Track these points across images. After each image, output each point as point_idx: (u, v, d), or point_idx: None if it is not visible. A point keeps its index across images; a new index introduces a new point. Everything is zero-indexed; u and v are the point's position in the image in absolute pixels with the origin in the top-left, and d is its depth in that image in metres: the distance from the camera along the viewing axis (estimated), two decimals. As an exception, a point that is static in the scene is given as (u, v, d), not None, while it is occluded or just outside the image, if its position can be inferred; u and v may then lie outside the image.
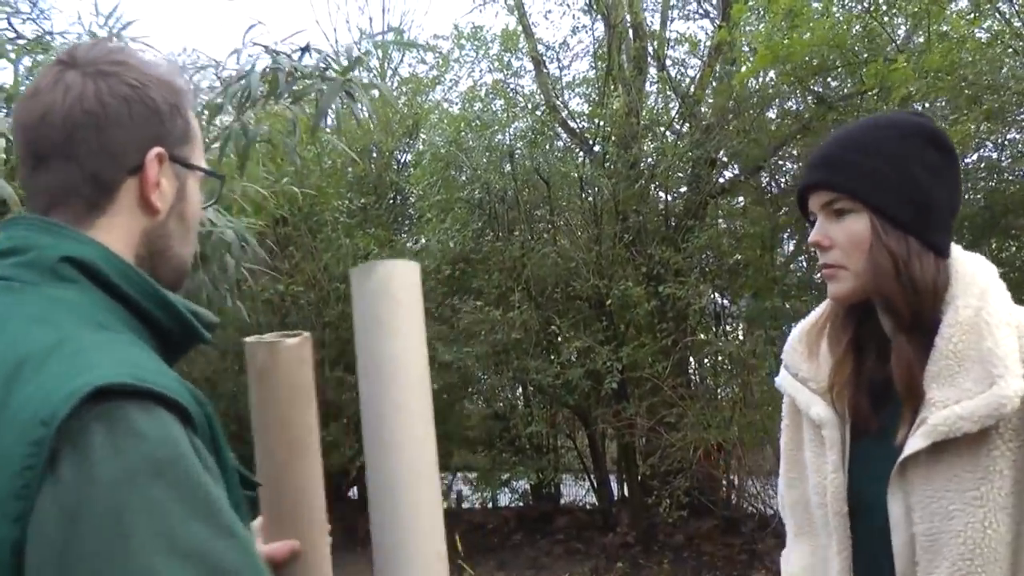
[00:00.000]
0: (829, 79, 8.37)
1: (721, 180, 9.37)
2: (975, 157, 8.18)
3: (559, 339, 9.00)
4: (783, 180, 9.03)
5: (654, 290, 8.50)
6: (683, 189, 9.61)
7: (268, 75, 4.68)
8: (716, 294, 9.35)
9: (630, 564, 8.37)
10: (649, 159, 9.39)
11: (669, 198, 9.61)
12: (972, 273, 1.76)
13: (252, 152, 6.63)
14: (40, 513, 0.93)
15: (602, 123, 9.75)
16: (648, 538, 8.76)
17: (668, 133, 9.70)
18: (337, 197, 9.97)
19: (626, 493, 9.61)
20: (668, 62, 9.97)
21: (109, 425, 0.97)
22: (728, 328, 9.79)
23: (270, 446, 1.38)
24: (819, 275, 1.89)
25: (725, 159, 9.25)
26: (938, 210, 1.77)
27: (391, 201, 11.17)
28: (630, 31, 9.83)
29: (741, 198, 9.74)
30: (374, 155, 11.44)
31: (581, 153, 10.09)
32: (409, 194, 11.29)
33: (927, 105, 7.44)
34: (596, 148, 9.83)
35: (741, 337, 9.06)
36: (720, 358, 9.43)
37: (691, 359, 9.45)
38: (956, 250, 1.81)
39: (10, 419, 0.97)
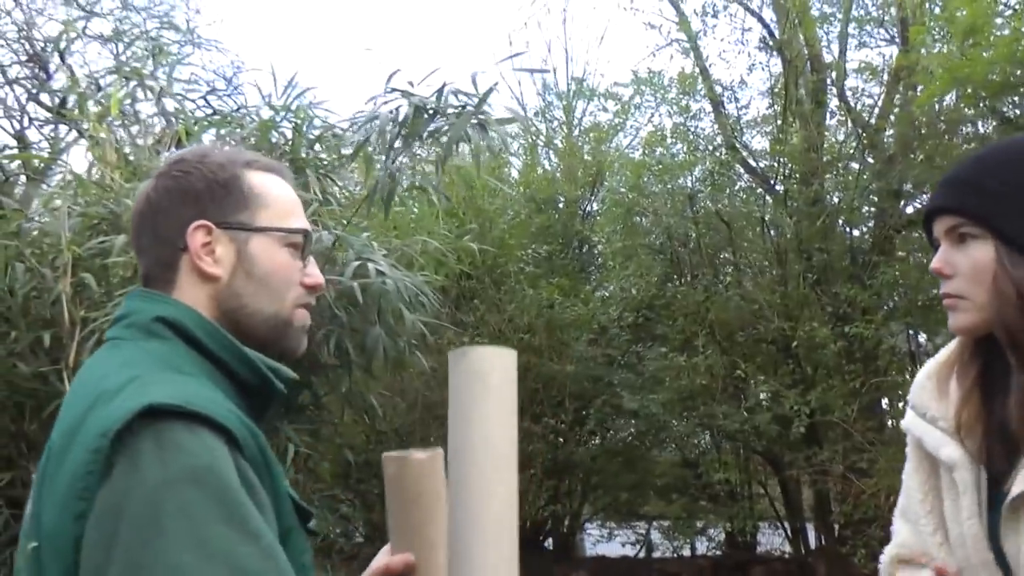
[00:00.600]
0: (1016, 98, 7.89)
1: (908, 212, 8.95)
2: None
3: (746, 383, 8.81)
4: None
5: (841, 330, 8.21)
6: (869, 224, 9.25)
7: (403, 116, 4.86)
8: (910, 332, 8.91)
9: (828, 617, 8.05)
10: (831, 195, 9.10)
11: (855, 233, 9.27)
12: None
13: (430, 207, 6.87)
14: (95, 511, 1.10)
15: (783, 160, 9.54)
16: (846, 589, 8.39)
17: (851, 165, 9.38)
18: (520, 248, 10.12)
19: (823, 541, 9.24)
20: (847, 92, 9.66)
21: (157, 439, 1.12)
22: (925, 367, 9.28)
23: (400, 546, 1.51)
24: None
25: (910, 189, 8.84)
26: None
27: (576, 250, 11.26)
28: (807, 64, 9.61)
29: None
30: (560, 204, 11.60)
31: (762, 192, 9.89)
32: (594, 242, 11.35)
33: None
34: (778, 186, 9.63)
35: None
36: (915, 399, 8.95)
37: (884, 401, 9.02)
38: None
39: (82, 437, 1.16)
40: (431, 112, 5.03)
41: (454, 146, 5.04)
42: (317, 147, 5.79)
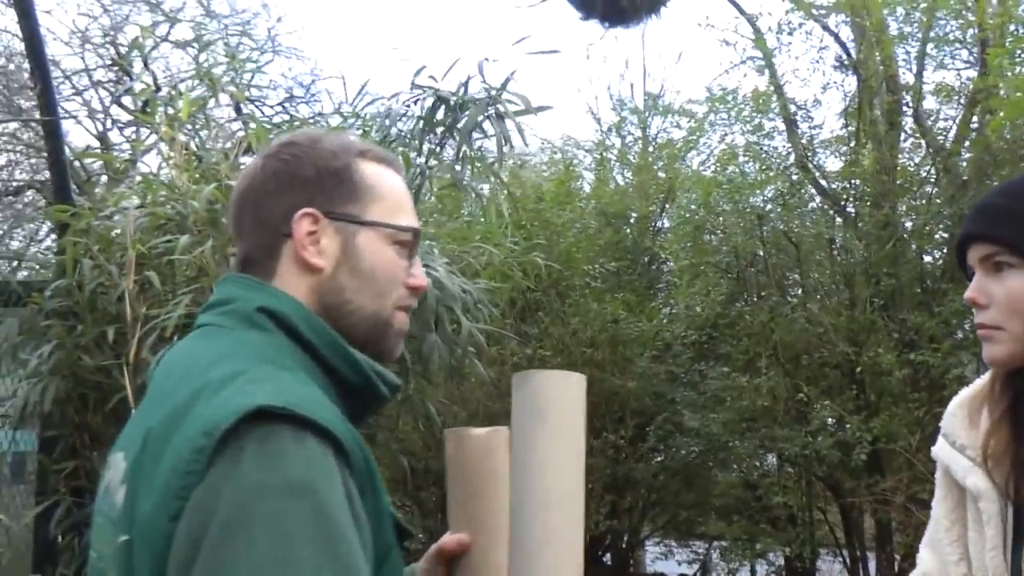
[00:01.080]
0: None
1: (981, 238, 8.74)
2: None
3: (808, 407, 8.70)
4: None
5: (907, 357, 8.06)
6: (942, 249, 9.07)
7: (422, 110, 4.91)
8: (979, 362, 8.70)
9: (883, 649, 7.90)
10: (904, 219, 8.95)
11: (926, 259, 9.10)
12: None
13: (497, 219, 6.91)
14: (188, 508, 1.07)
15: (855, 182, 9.41)
16: (904, 621, 8.23)
17: (924, 189, 9.21)
18: (587, 262, 10.13)
19: (883, 572, 9.06)
20: (923, 114, 9.48)
21: (262, 442, 1.09)
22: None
23: (456, 526, 1.49)
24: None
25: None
26: None
27: (644, 266, 11.24)
28: (883, 84, 9.47)
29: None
30: (631, 220, 11.59)
31: (833, 214, 9.76)
32: (662, 259, 11.31)
33: None
34: (849, 209, 9.50)
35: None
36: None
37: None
38: None
39: (184, 431, 1.12)
40: (455, 105, 5.07)
41: (477, 143, 5.04)
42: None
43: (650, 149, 12.70)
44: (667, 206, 11.51)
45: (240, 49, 6.99)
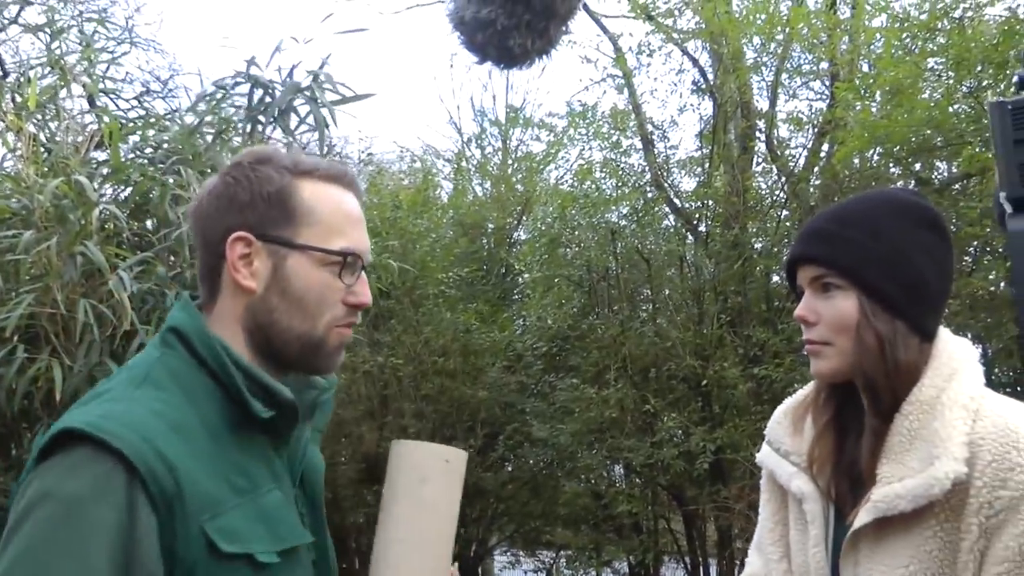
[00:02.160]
0: (936, 161, 8.15)
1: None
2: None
3: (655, 418, 8.89)
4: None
5: (751, 372, 8.34)
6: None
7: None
8: (818, 378, 9.07)
9: (720, 654, 8.11)
10: (753, 240, 9.27)
11: (773, 279, 9.45)
12: (949, 354, 1.73)
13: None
14: (14, 501, 1.24)
15: (708, 202, 9.71)
16: (741, 628, 8.45)
17: (773, 213, 9.57)
18: (441, 271, 10.12)
19: (722, 578, 9.34)
20: (775, 141, 9.87)
21: (63, 458, 1.23)
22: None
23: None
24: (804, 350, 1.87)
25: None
26: (930, 293, 1.73)
27: (498, 276, 11.31)
28: (738, 110, 9.80)
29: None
30: (488, 230, 11.66)
31: (686, 232, 10.03)
32: (517, 271, 11.40)
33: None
34: (701, 228, 9.78)
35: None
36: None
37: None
38: (943, 332, 1.77)
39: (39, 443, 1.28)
40: (273, 91, 5.04)
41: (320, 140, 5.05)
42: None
43: (509, 161, 12.80)
44: (524, 218, 11.62)
45: (95, 38, 6.72)
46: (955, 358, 1.70)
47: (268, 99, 4.98)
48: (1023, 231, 2.95)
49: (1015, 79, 3.37)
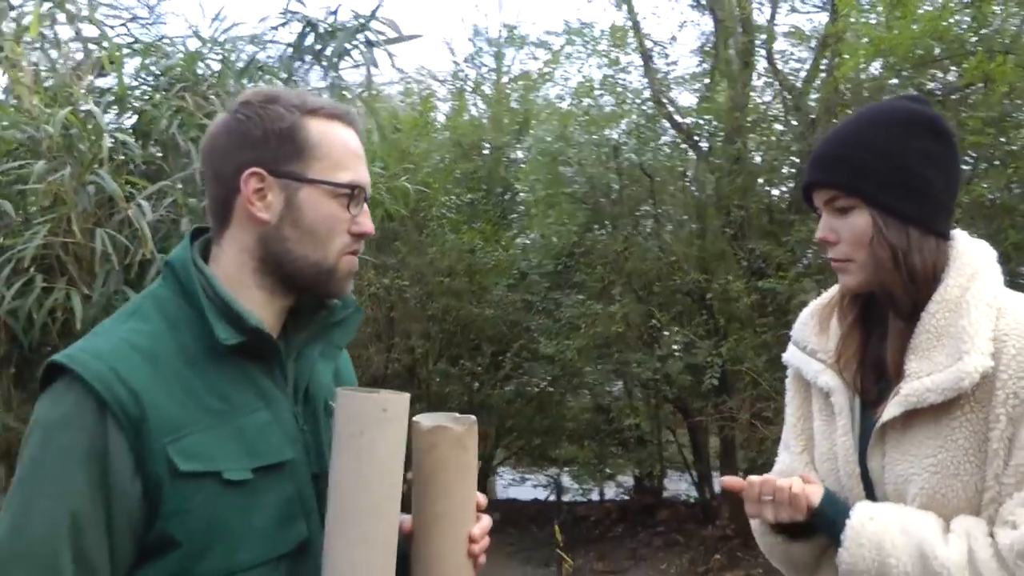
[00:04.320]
0: (938, 72, 8.12)
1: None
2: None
3: (660, 333, 8.99)
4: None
5: (755, 284, 8.41)
6: (789, 184, 9.45)
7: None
8: (821, 289, 9.14)
9: (728, 556, 8.33)
10: (754, 154, 9.28)
11: (774, 192, 9.49)
12: (969, 255, 1.83)
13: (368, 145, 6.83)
14: None
15: (709, 118, 9.69)
16: (747, 532, 8.50)
17: (774, 127, 9.56)
18: (444, 193, 10.14)
19: (727, 488, 9.50)
20: (776, 56, 9.81)
21: (50, 390, 1.43)
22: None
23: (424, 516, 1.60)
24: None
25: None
26: (936, 196, 1.83)
27: (499, 197, 11.32)
28: (738, 25, 9.73)
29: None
30: (485, 151, 11.63)
31: (687, 148, 10.03)
32: (517, 190, 11.40)
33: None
34: (702, 144, 9.78)
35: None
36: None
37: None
38: (959, 234, 1.87)
39: None
40: (324, 32, 5.03)
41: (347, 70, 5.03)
42: (245, 80, 5.73)
43: (504, 80, 12.70)
44: (521, 137, 11.59)
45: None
46: (975, 259, 1.82)
47: (316, 39, 4.96)
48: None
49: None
